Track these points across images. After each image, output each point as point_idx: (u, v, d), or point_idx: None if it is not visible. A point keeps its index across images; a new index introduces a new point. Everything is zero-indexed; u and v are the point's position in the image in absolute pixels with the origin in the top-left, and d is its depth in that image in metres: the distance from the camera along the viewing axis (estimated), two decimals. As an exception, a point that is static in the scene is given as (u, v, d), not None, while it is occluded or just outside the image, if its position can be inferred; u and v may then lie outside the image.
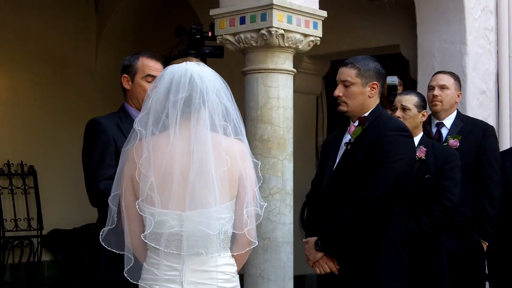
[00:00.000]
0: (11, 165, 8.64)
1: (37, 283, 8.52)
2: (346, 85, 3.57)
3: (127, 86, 3.55)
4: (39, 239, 8.66)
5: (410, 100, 4.27)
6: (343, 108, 3.61)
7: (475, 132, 4.77)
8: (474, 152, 4.70)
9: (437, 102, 4.75)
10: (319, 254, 3.51)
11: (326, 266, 3.51)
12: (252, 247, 2.62)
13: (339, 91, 3.59)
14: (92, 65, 9.40)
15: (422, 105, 4.29)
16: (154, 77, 3.39)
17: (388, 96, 4.58)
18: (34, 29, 8.74)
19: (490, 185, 4.70)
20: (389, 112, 4.11)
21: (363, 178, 3.41)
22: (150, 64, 3.54)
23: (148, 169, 2.48)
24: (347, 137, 3.60)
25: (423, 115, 4.29)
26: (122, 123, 3.45)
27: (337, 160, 3.59)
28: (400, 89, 4.98)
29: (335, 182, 3.54)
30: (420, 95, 4.40)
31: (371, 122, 3.53)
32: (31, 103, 8.73)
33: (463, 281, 4.55)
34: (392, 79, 4.68)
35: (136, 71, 3.52)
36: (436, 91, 4.77)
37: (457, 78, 4.90)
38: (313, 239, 3.55)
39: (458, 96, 4.87)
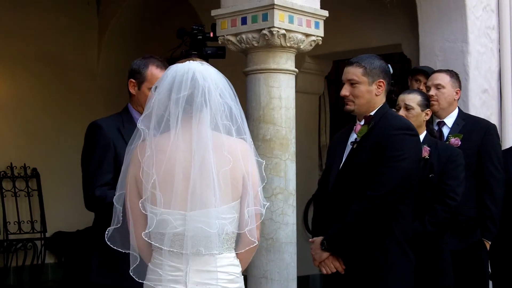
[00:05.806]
0: (14, 167, 8.64)
1: (40, 285, 8.52)
2: (353, 84, 3.56)
3: (132, 91, 3.50)
4: (42, 241, 8.66)
5: (413, 99, 4.26)
6: (350, 107, 3.59)
7: (476, 131, 4.74)
8: (475, 151, 4.68)
9: (433, 102, 4.71)
10: (325, 254, 3.50)
11: (332, 266, 3.49)
12: (252, 246, 2.60)
13: (346, 91, 3.57)
14: (94, 67, 9.41)
15: (425, 104, 4.28)
16: None
17: None
18: (36, 31, 8.76)
19: (492, 183, 4.68)
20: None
21: (369, 177, 3.40)
22: (159, 75, 3.50)
23: (151, 167, 2.48)
24: (353, 136, 3.59)
25: (427, 114, 4.28)
26: (123, 127, 3.41)
27: (343, 159, 3.57)
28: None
29: (341, 182, 3.53)
30: (423, 94, 4.39)
31: (377, 121, 3.52)
32: (33, 106, 8.74)
33: (466, 280, 4.53)
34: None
35: (144, 79, 3.47)
36: (432, 91, 4.75)
37: (454, 75, 4.85)
38: (319, 239, 3.54)
39: (457, 93, 4.83)
